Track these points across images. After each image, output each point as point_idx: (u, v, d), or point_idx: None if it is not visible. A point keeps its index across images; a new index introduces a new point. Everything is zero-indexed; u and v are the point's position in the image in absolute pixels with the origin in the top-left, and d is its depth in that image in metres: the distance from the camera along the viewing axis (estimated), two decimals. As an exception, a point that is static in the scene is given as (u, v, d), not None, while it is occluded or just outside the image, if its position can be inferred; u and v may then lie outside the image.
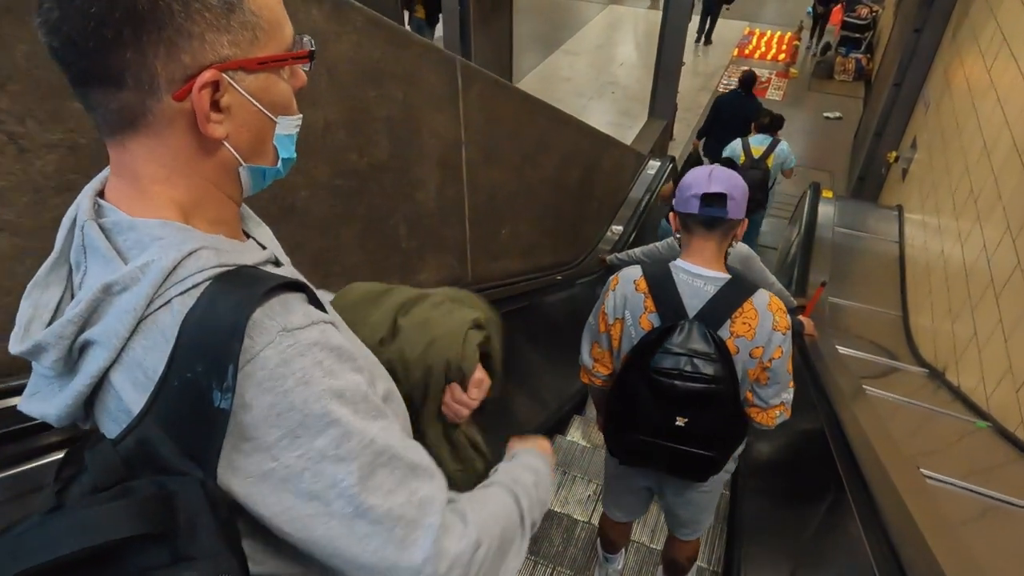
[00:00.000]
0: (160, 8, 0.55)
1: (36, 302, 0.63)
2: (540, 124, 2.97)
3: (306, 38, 0.67)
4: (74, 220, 0.64)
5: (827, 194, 5.28)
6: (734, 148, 4.80)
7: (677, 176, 5.66)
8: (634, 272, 1.66)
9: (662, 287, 1.60)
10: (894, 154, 5.43)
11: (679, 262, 1.63)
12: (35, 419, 0.63)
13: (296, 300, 0.62)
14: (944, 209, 3.83)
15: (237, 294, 0.58)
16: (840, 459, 1.82)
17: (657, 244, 3.17)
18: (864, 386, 2.65)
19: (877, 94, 7.54)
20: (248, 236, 0.75)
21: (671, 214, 1.69)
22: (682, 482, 1.85)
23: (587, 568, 2.53)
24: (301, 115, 0.70)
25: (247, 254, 0.65)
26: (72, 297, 0.63)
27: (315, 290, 0.67)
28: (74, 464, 0.60)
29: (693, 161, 5.32)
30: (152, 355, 0.57)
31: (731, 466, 1.88)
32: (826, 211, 5.03)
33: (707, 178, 1.56)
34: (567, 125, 3.43)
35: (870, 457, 1.67)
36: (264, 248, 0.72)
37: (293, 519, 0.60)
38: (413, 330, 0.94)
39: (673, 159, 5.89)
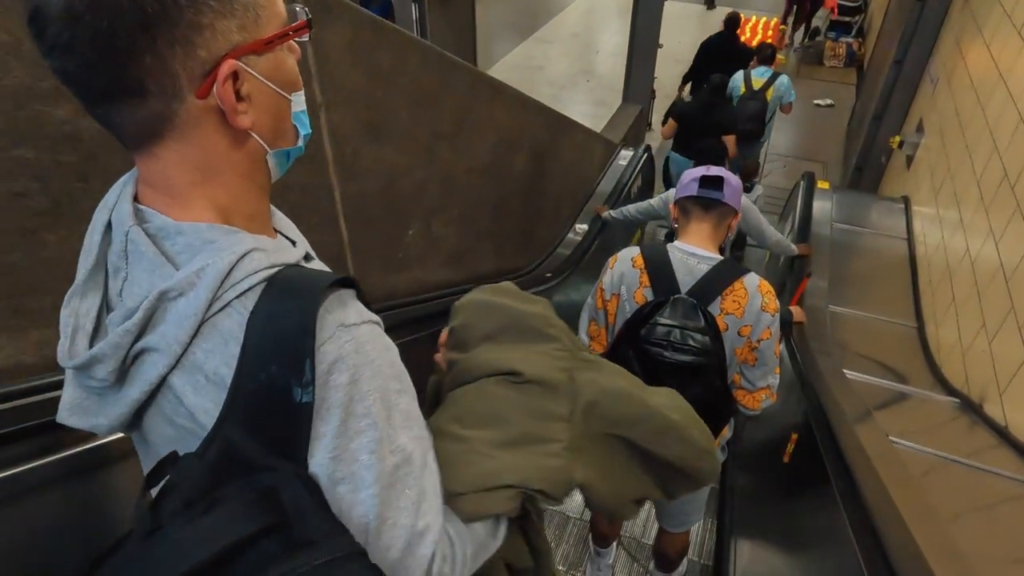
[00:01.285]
0: (168, 7, 0.55)
1: (76, 311, 0.64)
2: (459, 92, 2.29)
3: (298, 6, 0.66)
4: (108, 224, 0.64)
5: (823, 185, 4.65)
6: (736, 80, 4.94)
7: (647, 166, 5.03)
8: (632, 251, 1.76)
9: (658, 264, 1.69)
10: (897, 139, 4.81)
11: (676, 243, 1.73)
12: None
13: (349, 296, 0.65)
14: (968, 199, 3.21)
15: (298, 293, 0.60)
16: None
17: (651, 200, 3.38)
18: (884, 432, 2.00)
19: (872, 78, 6.95)
20: (276, 231, 0.75)
21: (671, 205, 1.81)
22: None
23: (579, 564, 2.52)
24: (303, 89, 0.70)
25: (288, 252, 0.67)
26: (108, 304, 0.65)
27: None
28: (155, 484, 0.60)
29: (679, 108, 4.92)
30: (213, 358, 0.59)
31: (720, 456, 1.92)
32: (822, 204, 4.40)
33: (705, 169, 1.72)
34: (503, 98, 2.76)
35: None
36: (294, 243, 0.74)
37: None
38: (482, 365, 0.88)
39: (649, 148, 5.24)
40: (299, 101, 0.68)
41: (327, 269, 0.71)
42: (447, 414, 0.83)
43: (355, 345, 0.61)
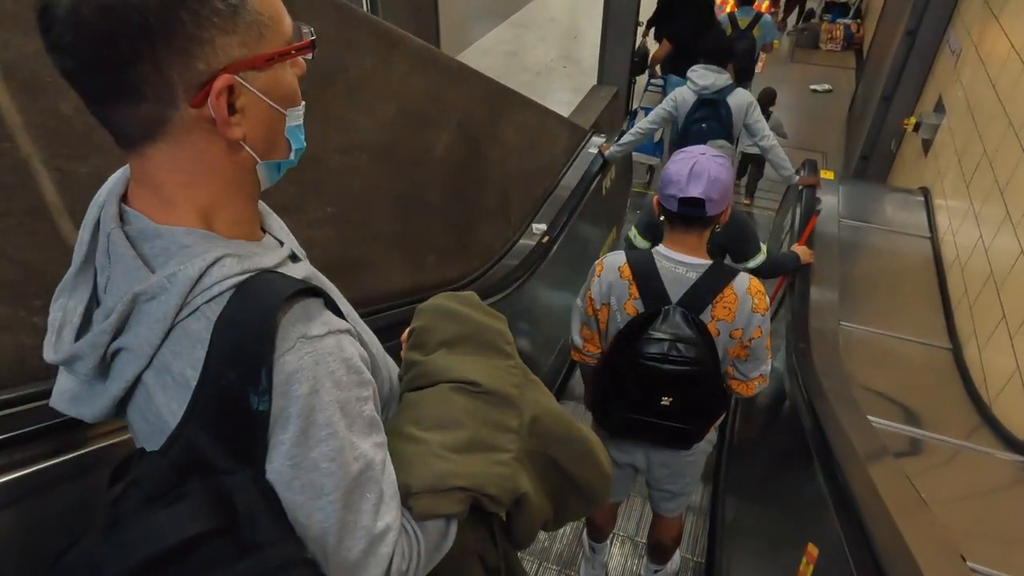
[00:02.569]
0: (171, 19, 0.57)
1: (65, 306, 0.68)
2: (327, 37, 1.58)
3: (304, 28, 0.68)
4: (97, 222, 0.68)
5: (827, 175, 3.97)
6: (722, 20, 5.08)
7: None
8: (618, 259, 1.76)
9: (645, 275, 1.70)
10: (912, 120, 4.14)
11: (661, 249, 1.73)
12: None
13: (315, 306, 0.67)
14: (1019, 190, 2.53)
15: (261, 301, 0.62)
16: None
17: (648, 119, 3.66)
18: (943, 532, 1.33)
19: (877, 55, 6.29)
20: (264, 231, 0.77)
21: (654, 197, 1.76)
22: (667, 454, 1.96)
23: (573, 563, 2.54)
24: (304, 103, 0.72)
25: (267, 255, 0.69)
26: (97, 299, 0.69)
27: (329, 293, 0.72)
28: (120, 480, 0.64)
29: (641, 55, 5.11)
30: (180, 360, 0.62)
31: (712, 436, 1.97)
32: (827, 198, 3.73)
33: (687, 176, 1.61)
34: (408, 54, 2.05)
35: None
36: (281, 244, 0.75)
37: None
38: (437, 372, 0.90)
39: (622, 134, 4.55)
40: (295, 116, 0.70)
41: (315, 273, 0.75)
42: (405, 415, 0.85)
43: (315, 357, 0.63)
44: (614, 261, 1.75)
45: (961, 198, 3.20)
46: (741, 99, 3.55)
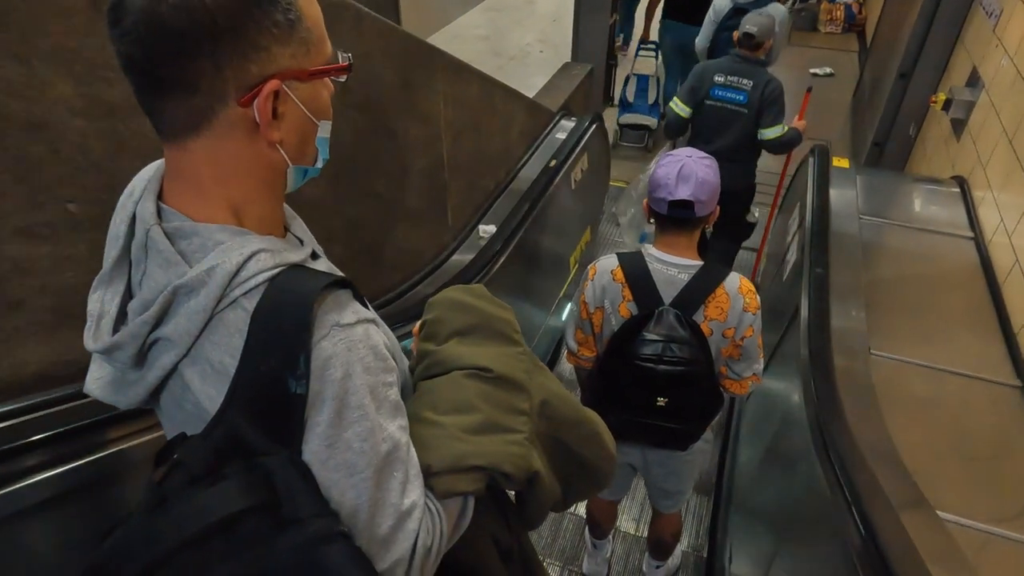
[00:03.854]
0: (237, 25, 0.63)
1: (103, 298, 0.72)
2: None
3: (340, 52, 0.75)
4: (133, 216, 0.72)
5: (840, 163, 3.33)
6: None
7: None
8: (610, 262, 1.79)
9: (638, 277, 1.73)
10: (941, 97, 3.50)
11: (652, 251, 1.76)
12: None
13: (346, 296, 0.72)
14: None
15: (298, 292, 0.67)
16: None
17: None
18: None
19: (886, 33, 5.66)
20: (287, 230, 0.82)
21: (644, 202, 1.78)
22: (665, 454, 1.99)
23: (576, 559, 2.58)
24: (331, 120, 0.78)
25: (294, 252, 0.74)
26: (131, 292, 0.73)
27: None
28: (164, 463, 0.68)
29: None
30: (218, 350, 0.67)
31: (709, 435, 2.01)
32: (843, 191, 3.09)
33: (675, 178, 1.65)
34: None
35: None
36: (302, 243, 0.81)
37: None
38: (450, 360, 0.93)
39: (599, 118, 3.88)
40: (325, 128, 0.76)
41: (333, 268, 0.81)
42: (422, 401, 0.88)
43: (348, 344, 0.68)
44: (607, 265, 1.80)
45: (1015, 191, 2.56)
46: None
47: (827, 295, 2.36)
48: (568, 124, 3.74)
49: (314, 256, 0.80)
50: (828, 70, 7.20)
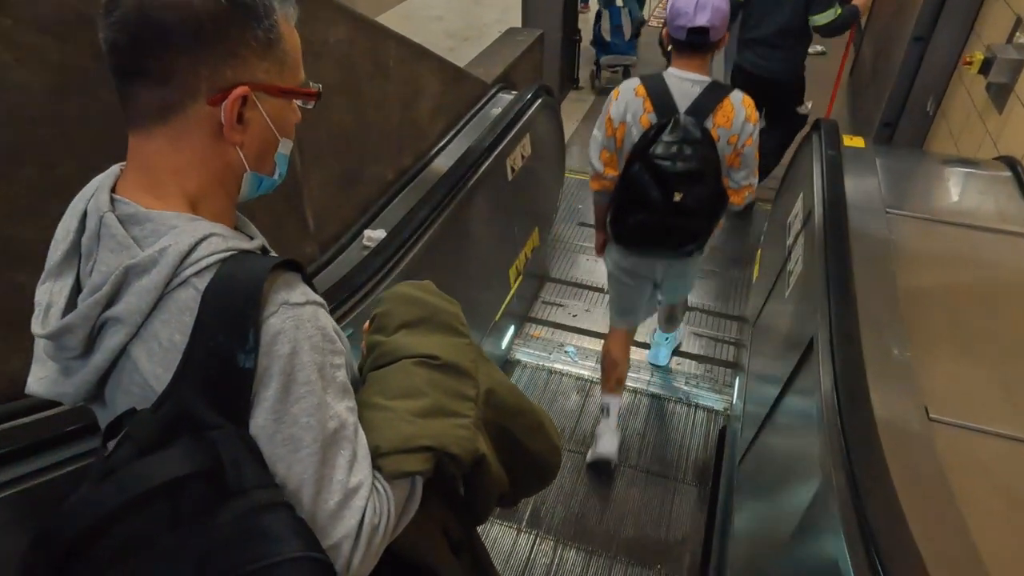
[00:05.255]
0: (222, 32, 0.69)
1: (51, 289, 0.74)
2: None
3: (312, 83, 0.81)
4: (84, 212, 0.74)
5: (854, 142, 2.60)
6: None
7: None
8: (632, 82, 2.08)
9: (658, 90, 2.01)
10: (978, 56, 2.77)
11: (671, 70, 2.03)
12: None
13: (295, 278, 0.74)
14: None
15: (249, 271, 0.70)
16: None
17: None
18: None
19: (885, 4, 4.96)
20: (237, 229, 0.83)
21: (664, 30, 2.08)
22: (677, 264, 2.32)
23: (574, 493, 2.53)
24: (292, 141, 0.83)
25: (245, 242, 0.77)
26: (79, 285, 0.74)
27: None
28: (112, 438, 0.70)
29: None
30: (168, 328, 0.68)
31: (704, 250, 2.30)
32: (861, 178, 2.35)
33: (694, 8, 1.92)
34: None
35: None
36: (252, 239, 0.82)
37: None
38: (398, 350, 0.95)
39: (546, 90, 3.11)
40: (286, 146, 0.82)
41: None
42: (372, 389, 0.90)
43: (296, 322, 0.70)
44: (629, 84, 2.08)
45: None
46: None
47: (856, 329, 1.61)
48: (506, 98, 2.97)
49: (264, 251, 0.81)
50: (820, 48, 6.50)
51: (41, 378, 0.76)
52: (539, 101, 2.99)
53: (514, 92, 3.02)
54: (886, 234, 2.06)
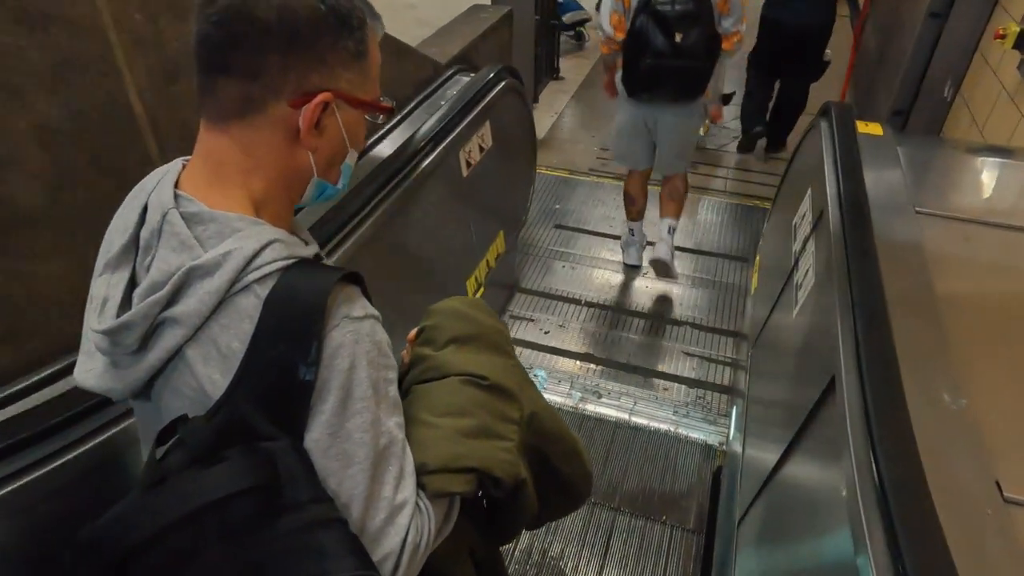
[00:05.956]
0: (316, 38, 0.71)
1: (108, 282, 0.73)
2: None
3: (385, 99, 0.82)
4: (144, 205, 0.74)
5: (870, 129, 2.21)
6: None
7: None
8: None
9: None
10: (1013, 28, 2.38)
11: None
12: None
13: (356, 292, 0.74)
14: None
15: (312, 282, 0.70)
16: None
17: None
18: None
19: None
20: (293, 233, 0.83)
21: None
22: (675, 112, 2.72)
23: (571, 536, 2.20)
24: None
25: (303, 249, 0.77)
26: (134, 280, 0.73)
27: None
28: (165, 443, 0.68)
29: None
30: (226, 333, 0.68)
31: (702, 110, 2.82)
32: (883, 171, 1.96)
33: None
34: None
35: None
36: (307, 244, 0.83)
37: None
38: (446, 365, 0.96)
39: (510, 71, 2.70)
40: (352, 157, 0.83)
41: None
42: (419, 404, 0.90)
43: (355, 336, 0.70)
44: None
45: None
46: None
47: (895, 372, 1.21)
48: (463, 79, 2.56)
49: (317, 258, 0.81)
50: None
51: (89, 370, 0.76)
52: (502, 84, 2.58)
53: (469, 72, 2.61)
54: (919, 240, 1.67)
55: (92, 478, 1.15)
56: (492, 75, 2.53)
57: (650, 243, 3.26)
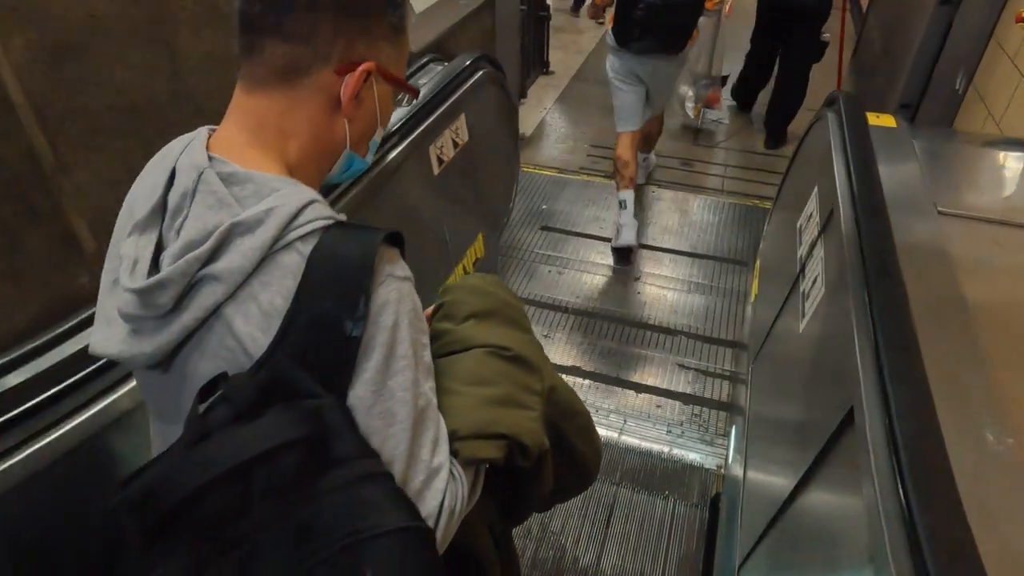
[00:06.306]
0: (365, 7, 0.73)
1: (137, 243, 0.70)
2: None
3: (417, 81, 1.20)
4: (173, 168, 0.72)
5: (881, 121, 2.01)
6: None
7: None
8: None
9: None
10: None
11: None
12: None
13: (397, 253, 0.74)
14: None
15: (357, 239, 0.69)
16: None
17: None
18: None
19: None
20: None
21: None
22: (664, 63, 3.00)
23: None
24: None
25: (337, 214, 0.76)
26: (161, 244, 0.71)
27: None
28: (206, 400, 0.67)
29: None
30: (268, 291, 0.66)
31: (686, 57, 3.16)
32: (899, 165, 1.76)
33: None
34: None
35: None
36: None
37: None
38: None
39: (489, 60, 2.48)
40: (379, 134, 0.84)
41: None
42: (445, 375, 0.89)
43: (399, 295, 0.70)
44: None
45: None
46: None
47: (928, 406, 1.01)
48: (436, 68, 2.35)
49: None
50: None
51: (109, 338, 0.72)
52: (479, 74, 2.37)
53: (441, 61, 2.40)
54: (945, 245, 1.47)
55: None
56: (468, 63, 2.32)
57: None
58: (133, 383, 1.15)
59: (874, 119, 2.02)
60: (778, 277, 2.21)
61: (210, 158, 0.71)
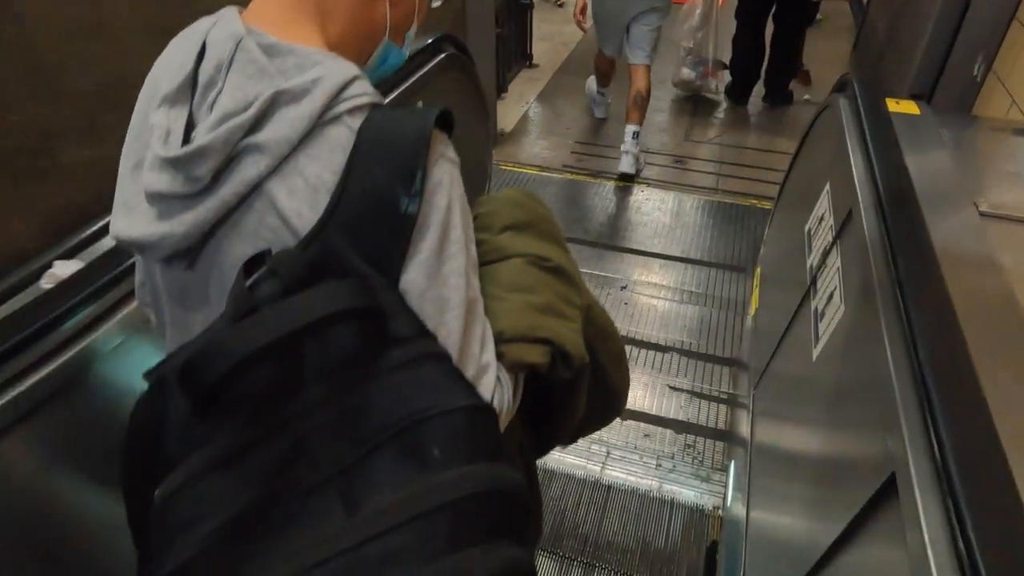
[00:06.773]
0: None
1: (168, 114, 0.65)
2: None
3: None
4: (203, 41, 0.67)
5: (902, 107, 1.74)
6: None
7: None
8: None
9: None
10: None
11: None
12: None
13: (447, 136, 0.69)
14: None
15: (411, 114, 0.65)
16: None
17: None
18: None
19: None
20: None
21: None
22: (644, 17, 3.33)
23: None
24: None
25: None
26: (192, 120, 0.66)
27: None
28: (252, 273, 0.62)
29: None
30: (316, 164, 0.62)
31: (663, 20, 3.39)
32: (926, 156, 1.48)
33: None
34: None
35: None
36: None
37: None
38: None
39: (453, 40, 2.20)
40: (413, 30, 0.81)
41: None
42: (486, 281, 0.85)
43: (451, 178, 0.66)
44: None
45: None
46: None
47: (1007, 484, 0.74)
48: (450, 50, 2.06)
49: None
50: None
51: (133, 223, 0.66)
52: (440, 57, 2.09)
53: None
54: (992, 254, 1.19)
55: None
56: (426, 44, 2.03)
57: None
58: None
59: (894, 106, 1.75)
60: (783, 288, 1.94)
61: (248, 29, 0.67)
